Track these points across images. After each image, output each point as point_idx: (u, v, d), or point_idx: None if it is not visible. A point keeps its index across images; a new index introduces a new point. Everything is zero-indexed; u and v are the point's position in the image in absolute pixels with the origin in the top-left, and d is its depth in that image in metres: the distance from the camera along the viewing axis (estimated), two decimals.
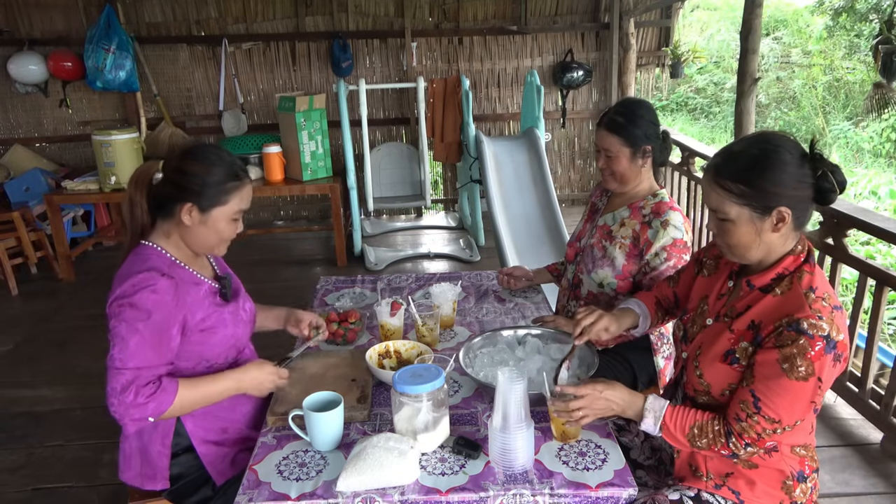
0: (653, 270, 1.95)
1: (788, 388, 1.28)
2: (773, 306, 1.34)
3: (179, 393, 1.47)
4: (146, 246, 1.56)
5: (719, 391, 1.41)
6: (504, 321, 2.12)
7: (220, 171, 1.53)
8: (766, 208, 1.32)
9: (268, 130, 5.52)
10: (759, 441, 1.33)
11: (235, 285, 1.75)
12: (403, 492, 1.33)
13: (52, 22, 5.29)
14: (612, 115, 1.97)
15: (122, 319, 1.43)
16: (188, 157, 1.52)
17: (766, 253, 1.37)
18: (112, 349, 1.44)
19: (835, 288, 2.82)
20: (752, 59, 3.30)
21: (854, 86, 9.63)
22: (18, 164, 5.15)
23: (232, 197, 1.55)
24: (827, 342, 1.25)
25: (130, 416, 1.42)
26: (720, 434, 1.36)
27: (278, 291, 4.31)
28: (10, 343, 3.75)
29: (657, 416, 1.41)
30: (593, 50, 5.88)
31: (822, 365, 1.26)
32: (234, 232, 1.60)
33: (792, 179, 1.30)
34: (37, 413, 3.02)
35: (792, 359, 1.26)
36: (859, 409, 2.76)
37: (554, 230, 4.16)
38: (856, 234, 3.33)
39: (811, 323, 1.26)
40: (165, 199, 1.53)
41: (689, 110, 11.06)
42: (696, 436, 1.38)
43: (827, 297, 1.30)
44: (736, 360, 1.37)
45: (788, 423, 1.31)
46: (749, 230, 1.34)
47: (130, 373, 1.42)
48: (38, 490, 2.49)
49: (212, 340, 1.58)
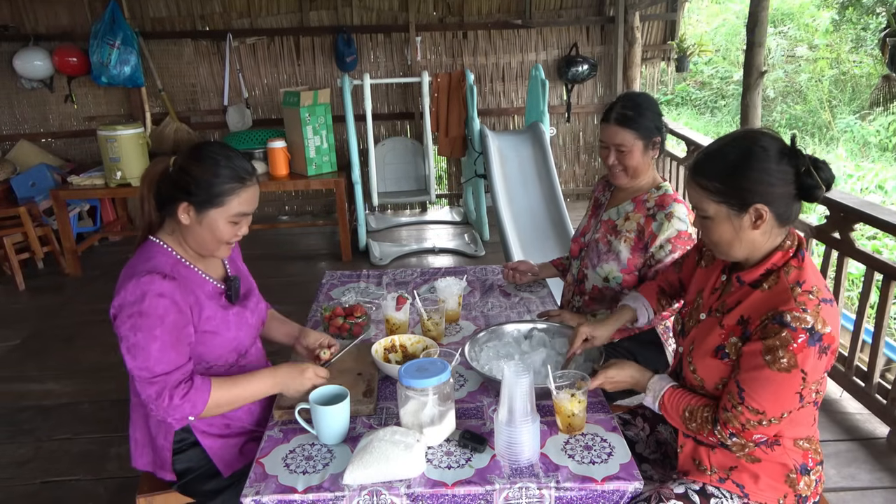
0: (658, 263, 1.95)
1: (771, 379, 1.29)
2: (760, 301, 1.35)
3: (214, 392, 1.47)
4: (153, 243, 1.55)
5: (713, 386, 1.43)
6: (509, 315, 2.12)
7: (221, 171, 1.50)
8: (743, 205, 1.33)
9: (272, 125, 5.52)
10: (743, 432, 1.34)
11: (246, 286, 1.72)
12: (410, 485, 1.34)
13: (57, 17, 5.30)
14: (620, 110, 1.96)
15: (138, 329, 1.42)
16: (192, 156, 1.51)
17: (751, 250, 1.38)
18: (133, 360, 1.43)
19: (841, 282, 2.81)
20: (759, 52, 3.27)
21: (861, 79, 9.57)
22: (24, 159, 5.17)
23: (230, 199, 1.51)
24: (811, 335, 1.26)
25: (172, 416, 1.44)
26: (707, 421, 1.39)
27: (283, 286, 4.32)
28: (18, 338, 3.77)
29: (656, 395, 1.49)
30: (598, 44, 5.86)
31: (804, 357, 1.26)
32: (233, 235, 1.55)
33: (768, 176, 1.31)
34: (44, 407, 3.04)
35: (774, 350, 1.28)
36: (865, 404, 2.75)
37: (559, 224, 4.16)
38: (862, 228, 3.32)
39: (794, 316, 1.27)
40: (168, 197, 1.52)
41: (695, 104, 11.01)
42: (687, 419, 1.42)
43: (815, 290, 1.31)
44: (726, 356, 1.39)
45: (774, 414, 1.31)
46: (727, 228, 1.37)
47: (160, 380, 1.43)
48: (46, 483, 2.51)
49: (213, 342, 1.57)
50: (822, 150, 8.59)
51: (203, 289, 1.57)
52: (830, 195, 2.79)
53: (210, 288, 1.59)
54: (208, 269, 1.62)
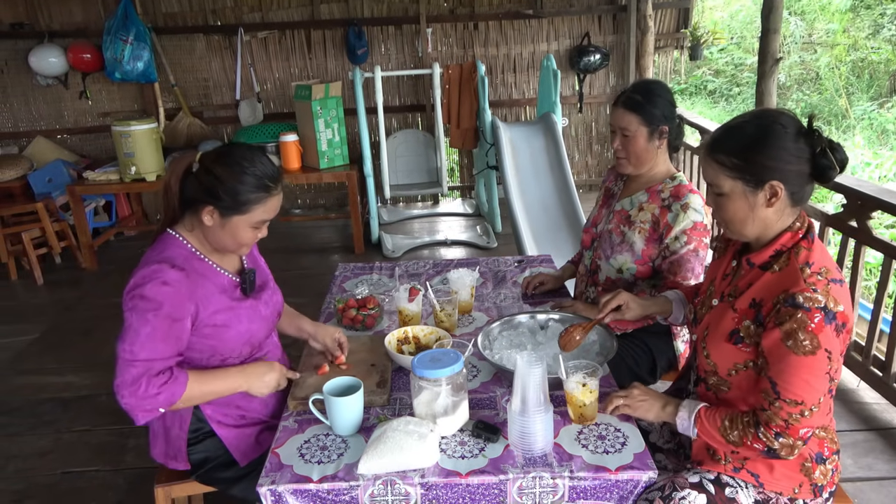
0: (672, 254, 1.93)
1: (800, 364, 1.27)
2: (771, 283, 1.35)
3: (189, 385, 1.48)
4: (170, 234, 1.57)
5: (725, 371, 1.42)
6: (522, 306, 2.12)
7: (248, 179, 1.50)
8: (759, 182, 1.33)
9: (284, 119, 5.54)
10: (788, 429, 1.30)
11: (262, 279, 1.74)
12: (424, 474, 1.34)
13: (71, 14, 5.34)
14: (629, 94, 1.95)
15: (134, 311, 1.44)
16: (221, 160, 1.51)
17: (763, 229, 1.38)
18: (123, 340, 1.44)
19: (858, 271, 2.78)
20: (774, 38, 3.23)
21: (879, 66, 9.41)
22: (41, 155, 5.22)
23: (255, 207, 1.52)
24: (825, 313, 1.26)
25: (142, 407, 1.43)
26: (749, 425, 1.35)
27: (297, 279, 4.34)
28: (37, 331, 3.82)
29: (691, 412, 1.43)
30: (610, 33, 5.81)
31: (826, 336, 1.26)
32: (253, 239, 1.58)
33: (786, 154, 1.31)
34: (64, 399, 3.09)
35: (794, 334, 1.27)
36: (883, 394, 2.73)
37: (571, 216, 4.14)
38: (880, 216, 3.27)
39: (806, 296, 1.27)
40: (193, 195, 1.54)
41: (709, 93, 10.89)
42: (728, 428, 1.37)
43: (824, 271, 1.30)
44: (741, 340, 1.38)
45: (812, 402, 1.29)
46: (742, 205, 1.36)
47: (142, 364, 1.43)
48: (66, 473, 2.55)
49: (225, 335, 1.58)
50: (840, 138, 8.47)
51: (215, 281, 1.58)
52: (847, 182, 2.76)
53: (224, 280, 1.60)
54: (223, 262, 1.63)
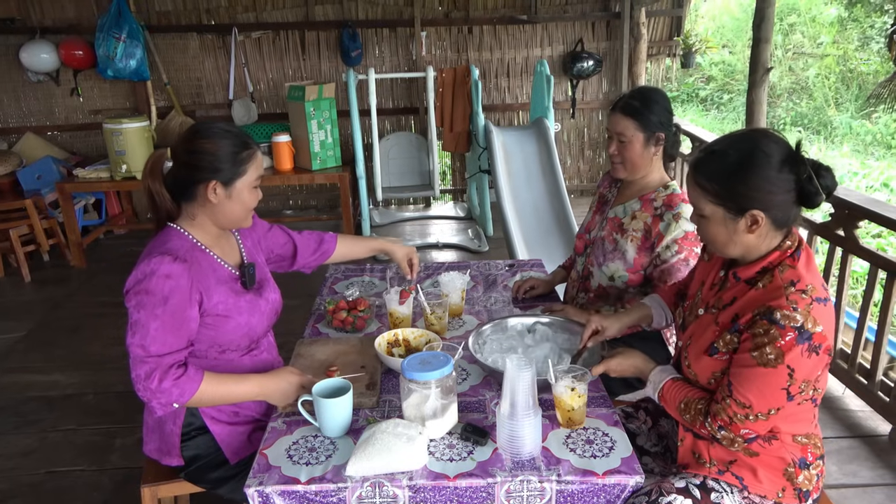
0: (663, 263, 1.95)
1: (757, 374, 1.30)
2: (754, 299, 1.35)
3: (203, 385, 1.49)
4: (170, 228, 1.58)
5: (706, 380, 1.44)
6: (512, 310, 2.12)
7: (231, 143, 1.55)
8: (740, 210, 1.33)
9: (277, 119, 5.53)
10: (731, 425, 1.34)
11: (261, 276, 1.75)
12: (412, 477, 1.34)
13: (64, 10, 5.31)
14: (627, 100, 1.97)
15: (141, 307, 1.45)
16: (197, 137, 1.54)
17: (745, 251, 1.39)
18: (132, 337, 1.45)
19: (844, 280, 2.80)
20: (765, 48, 3.27)
21: (867, 77, 9.52)
22: (31, 152, 5.19)
23: (249, 166, 1.57)
24: (800, 333, 1.26)
25: (158, 400, 1.46)
26: (700, 413, 1.40)
27: (287, 280, 4.30)
28: (24, 329, 3.79)
29: (656, 386, 1.51)
30: (604, 39, 5.84)
31: (793, 355, 1.26)
32: (256, 200, 1.62)
33: (768, 184, 1.30)
34: (50, 398, 3.06)
35: (761, 346, 1.28)
36: (868, 401, 2.75)
37: (563, 221, 4.16)
38: (867, 225, 3.31)
39: (784, 314, 1.27)
40: (184, 183, 1.55)
41: (701, 101, 10.98)
42: (683, 410, 1.44)
43: (809, 289, 1.30)
44: (716, 351, 1.40)
45: (760, 409, 1.31)
46: (722, 230, 1.37)
47: (153, 360, 1.44)
48: (50, 473, 2.53)
49: (225, 327, 1.59)
50: (828, 148, 8.56)
51: (217, 273, 1.60)
52: (835, 192, 2.79)
53: (224, 273, 1.62)
54: (224, 255, 1.65)
